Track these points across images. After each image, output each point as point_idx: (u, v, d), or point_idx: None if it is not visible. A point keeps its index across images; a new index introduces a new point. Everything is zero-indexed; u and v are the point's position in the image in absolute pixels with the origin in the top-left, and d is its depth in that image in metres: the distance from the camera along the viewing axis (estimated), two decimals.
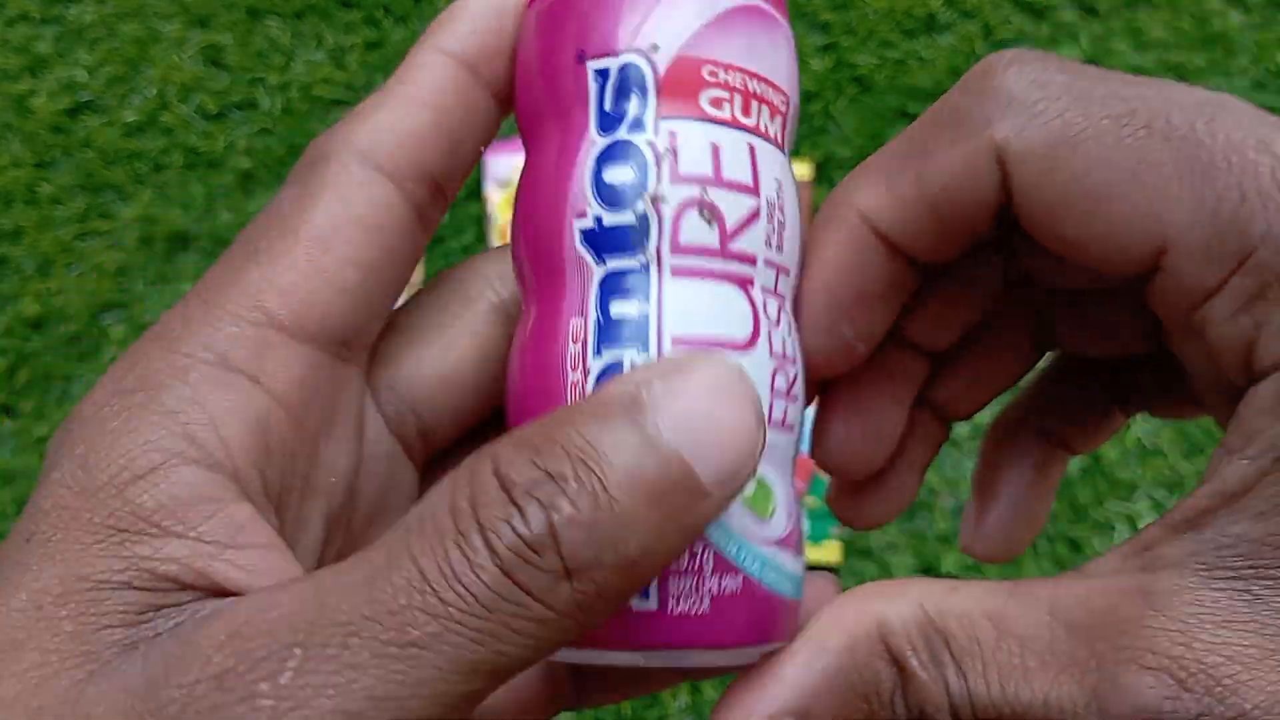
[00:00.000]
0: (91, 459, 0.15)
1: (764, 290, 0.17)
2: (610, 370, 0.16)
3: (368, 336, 0.18)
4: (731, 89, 0.17)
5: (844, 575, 0.60)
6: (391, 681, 0.13)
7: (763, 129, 0.18)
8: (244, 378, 0.16)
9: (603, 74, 0.17)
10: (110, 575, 0.14)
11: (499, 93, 0.19)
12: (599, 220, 0.17)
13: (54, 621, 0.14)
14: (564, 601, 0.14)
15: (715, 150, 0.17)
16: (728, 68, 0.17)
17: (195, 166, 0.75)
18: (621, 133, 0.17)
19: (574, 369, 0.17)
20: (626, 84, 0.17)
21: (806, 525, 0.60)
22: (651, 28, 0.17)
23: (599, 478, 0.14)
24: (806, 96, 0.74)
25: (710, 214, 0.17)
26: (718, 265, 0.17)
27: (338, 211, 0.17)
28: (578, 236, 0.17)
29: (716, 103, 0.17)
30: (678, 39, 0.17)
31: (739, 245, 0.17)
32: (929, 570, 0.60)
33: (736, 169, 0.17)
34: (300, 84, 0.78)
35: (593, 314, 0.17)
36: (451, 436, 0.20)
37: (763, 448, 0.15)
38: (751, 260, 0.17)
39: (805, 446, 0.21)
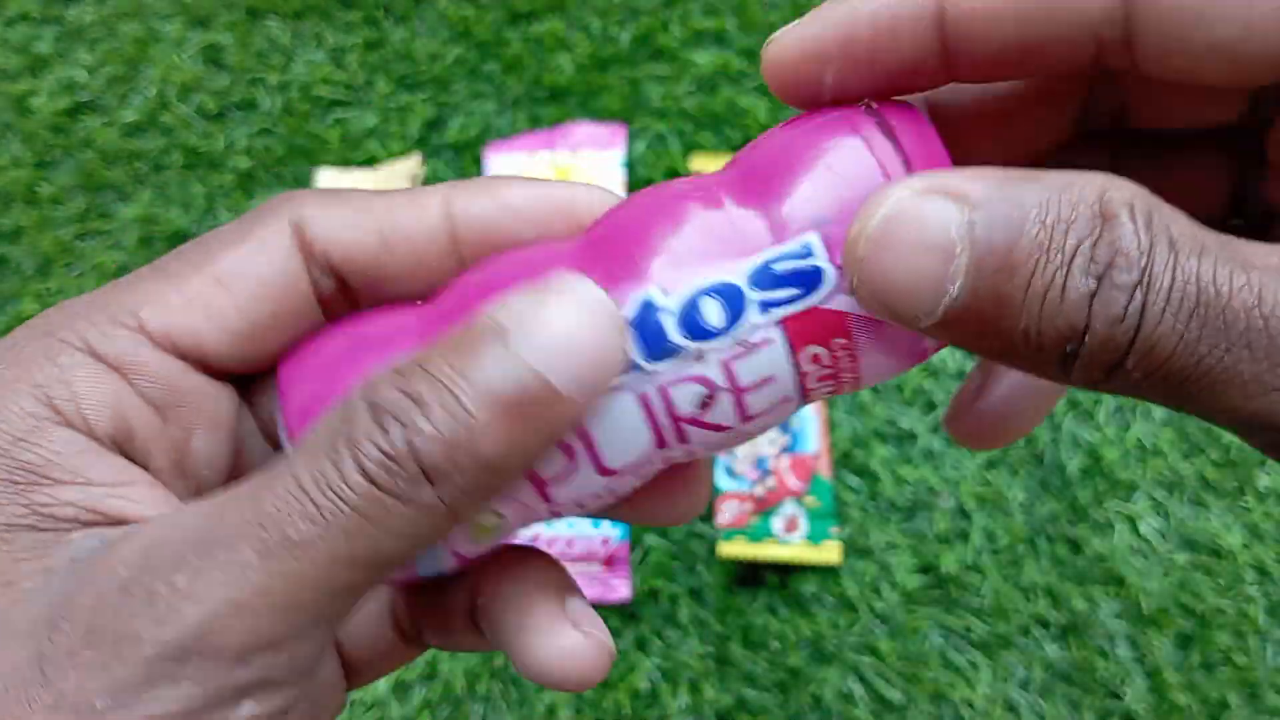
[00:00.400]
0: None
1: None
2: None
3: (244, 368, 0.20)
4: None
5: (844, 575, 0.60)
6: (275, 575, 0.16)
7: None
8: (106, 367, 0.18)
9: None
10: (15, 520, 0.17)
11: (457, 268, 0.20)
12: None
13: None
14: (429, 501, 0.16)
15: None
16: None
17: (195, 166, 0.75)
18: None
19: None
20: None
21: (806, 525, 0.60)
22: None
23: (456, 396, 0.16)
24: None
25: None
26: None
27: (246, 263, 0.19)
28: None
29: None
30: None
31: None
32: (929, 570, 0.60)
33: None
34: (300, 84, 0.78)
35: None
36: None
37: (626, 355, 0.18)
38: None
39: (805, 446, 0.21)
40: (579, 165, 0.72)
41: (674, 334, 0.18)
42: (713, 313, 0.18)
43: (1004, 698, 0.57)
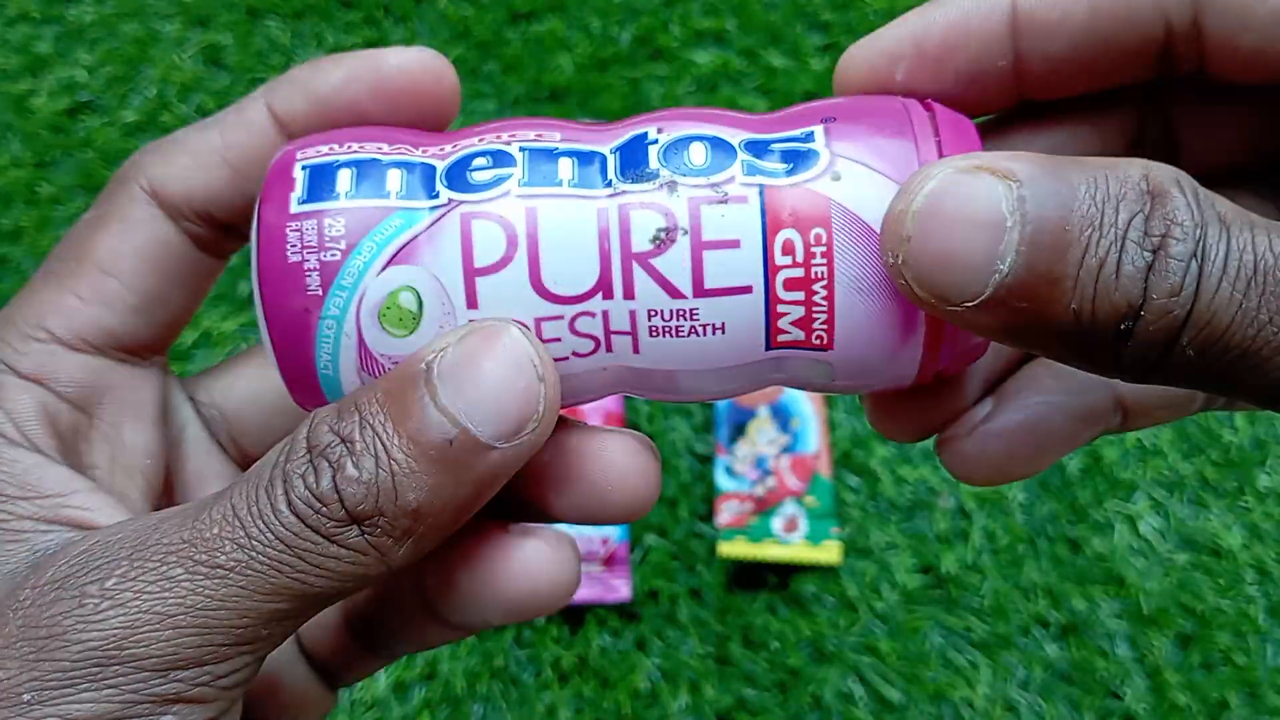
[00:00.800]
0: None
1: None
2: None
3: (158, 344, 0.21)
4: None
5: (843, 575, 0.60)
6: (201, 594, 0.16)
7: None
8: (30, 382, 0.19)
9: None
10: None
11: None
12: None
13: None
14: (356, 542, 0.17)
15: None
16: None
17: None
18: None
19: None
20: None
21: (806, 525, 0.60)
22: None
23: (384, 443, 0.17)
24: (806, 97, 0.74)
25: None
26: None
27: (119, 243, 0.20)
28: None
29: None
30: None
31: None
32: (929, 570, 0.60)
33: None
34: None
35: None
36: (268, 446, 0.22)
37: (543, 405, 0.17)
38: None
39: (805, 446, 0.21)
40: None
41: (654, 158, 0.18)
42: (698, 153, 0.18)
43: (1004, 698, 0.57)
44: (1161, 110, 0.20)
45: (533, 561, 0.20)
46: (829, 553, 0.59)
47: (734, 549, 0.59)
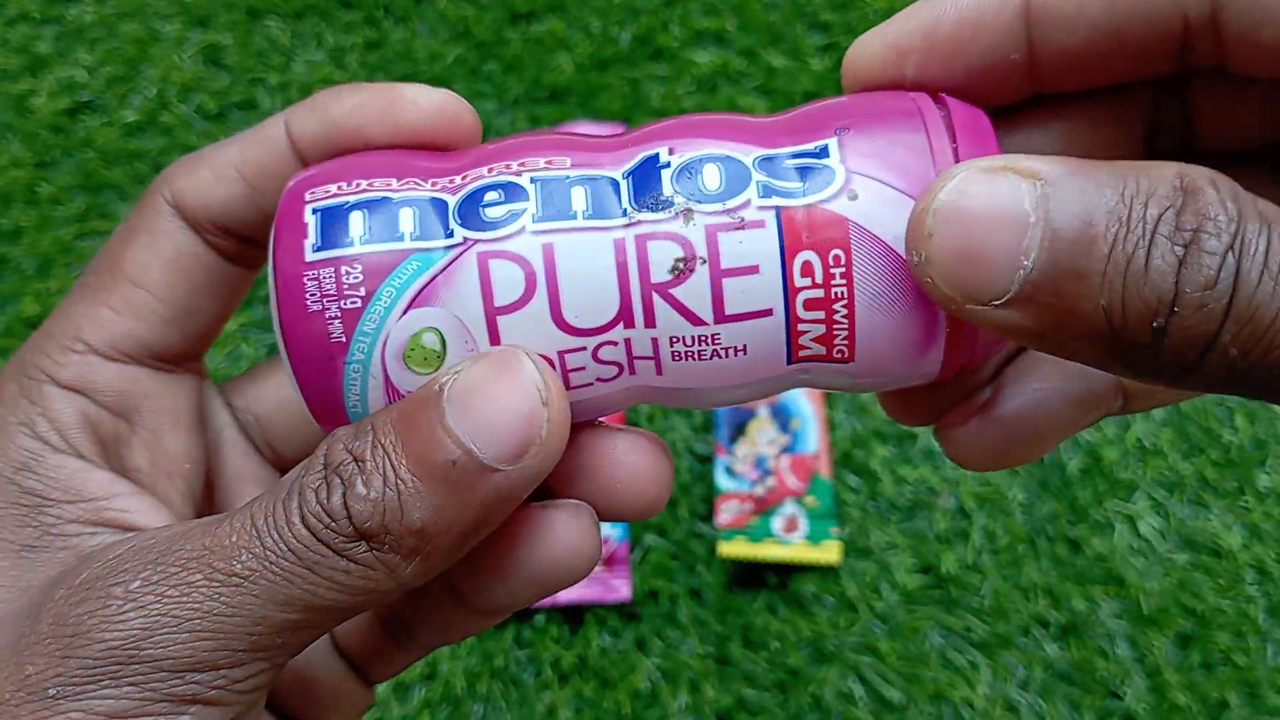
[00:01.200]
0: None
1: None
2: None
3: (191, 352, 0.22)
4: None
5: (843, 576, 0.60)
6: (217, 601, 0.17)
7: None
8: (70, 391, 0.20)
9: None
10: (32, 541, 0.19)
11: None
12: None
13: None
14: (364, 558, 0.17)
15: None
16: None
17: None
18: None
19: None
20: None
21: (806, 525, 0.60)
22: None
23: (391, 462, 0.17)
24: (807, 97, 0.74)
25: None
26: None
27: (147, 256, 0.21)
28: None
29: None
30: None
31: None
32: (929, 570, 0.60)
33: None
34: (300, 84, 0.78)
35: None
36: (301, 450, 0.24)
37: (546, 430, 0.18)
38: None
39: (805, 446, 0.21)
40: None
41: (668, 185, 0.18)
42: (711, 176, 0.18)
43: (1004, 698, 0.57)
44: (1178, 96, 0.20)
45: (557, 533, 0.20)
46: (829, 553, 0.59)
47: (734, 549, 0.59)
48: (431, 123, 0.20)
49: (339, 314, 0.18)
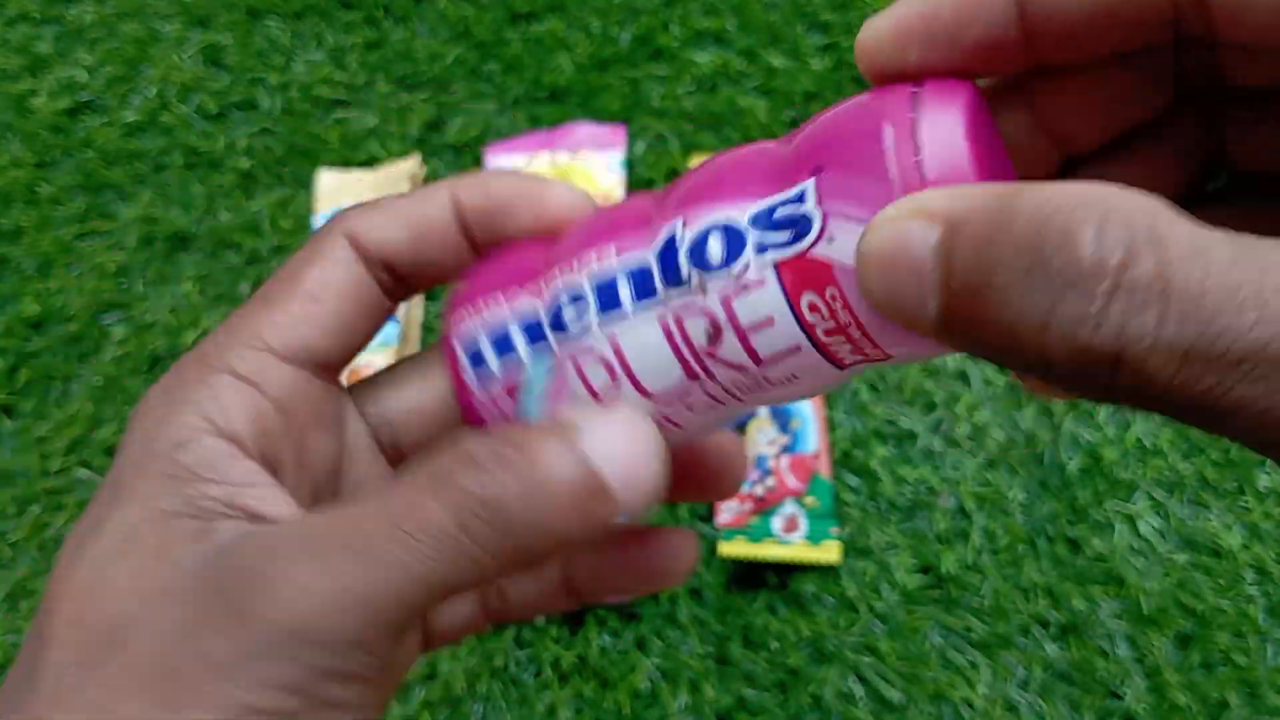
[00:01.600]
0: (150, 434, 0.22)
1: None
2: None
3: (341, 365, 0.25)
4: None
5: (843, 575, 0.60)
6: (362, 583, 0.19)
7: None
8: (246, 384, 0.23)
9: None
10: (174, 508, 0.21)
11: (478, 246, 0.25)
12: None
13: (141, 538, 0.20)
14: (493, 549, 0.19)
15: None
16: None
17: (195, 166, 0.75)
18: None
19: None
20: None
21: (806, 525, 0.60)
22: None
23: (534, 471, 0.20)
24: (807, 97, 0.74)
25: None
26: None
27: (325, 278, 0.24)
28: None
29: None
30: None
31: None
32: (929, 570, 0.60)
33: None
34: (300, 84, 0.78)
35: None
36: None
37: (660, 476, 0.21)
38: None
39: (805, 446, 0.22)
40: (579, 165, 0.72)
41: (684, 265, 0.20)
42: (715, 248, 0.19)
43: (1004, 698, 0.57)
44: (1194, 42, 0.19)
45: (678, 541, 0.25)
46: (829, 553, 0.59)
47: (734, 549, 0.59)
48: (568, 216, 0.24)
49: (499, 412, 0.24)
